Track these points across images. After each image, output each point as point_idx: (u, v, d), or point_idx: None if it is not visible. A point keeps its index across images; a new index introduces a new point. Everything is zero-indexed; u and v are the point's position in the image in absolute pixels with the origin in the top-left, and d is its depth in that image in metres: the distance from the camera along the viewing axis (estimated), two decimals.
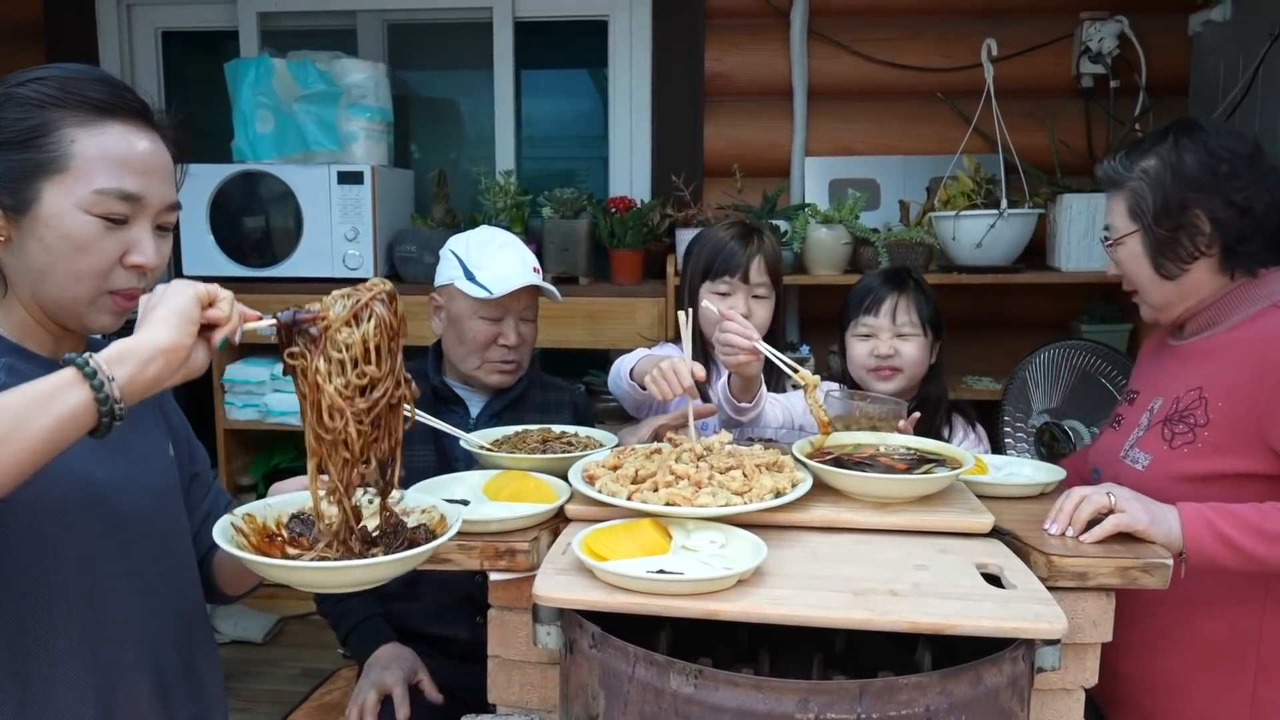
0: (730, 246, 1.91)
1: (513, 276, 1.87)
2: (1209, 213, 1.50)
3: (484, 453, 1.60)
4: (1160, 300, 1.59)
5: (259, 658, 3.04)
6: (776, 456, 1.46)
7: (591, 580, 1.15)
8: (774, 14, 3.28)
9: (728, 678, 1.02)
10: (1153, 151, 1.54)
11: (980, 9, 3.22)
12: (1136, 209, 1.54)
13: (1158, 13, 3.04)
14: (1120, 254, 1.60)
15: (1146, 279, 1.58)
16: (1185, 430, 1.52)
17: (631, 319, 3.00)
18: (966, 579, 1.20)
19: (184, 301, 0.99)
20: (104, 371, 0.93)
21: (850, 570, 1.21)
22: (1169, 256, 1.54)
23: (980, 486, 1.53)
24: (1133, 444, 1.62)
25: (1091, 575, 1.28)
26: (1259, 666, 1.50)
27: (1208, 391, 1.52)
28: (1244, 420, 1.46)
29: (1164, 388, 1.62)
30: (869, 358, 1.92)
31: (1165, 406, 1.58)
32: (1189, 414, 1.53)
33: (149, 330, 0.97)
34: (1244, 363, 1.49)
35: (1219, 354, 1.54)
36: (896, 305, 1.91)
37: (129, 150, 1.13)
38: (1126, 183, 1.56)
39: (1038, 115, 3.14)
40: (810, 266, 3.01)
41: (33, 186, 1.09)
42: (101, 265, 1.13)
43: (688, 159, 3.31)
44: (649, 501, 1.30)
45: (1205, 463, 1.49)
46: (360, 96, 3.05)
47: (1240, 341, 1.51)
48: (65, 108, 1.11)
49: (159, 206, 1.17)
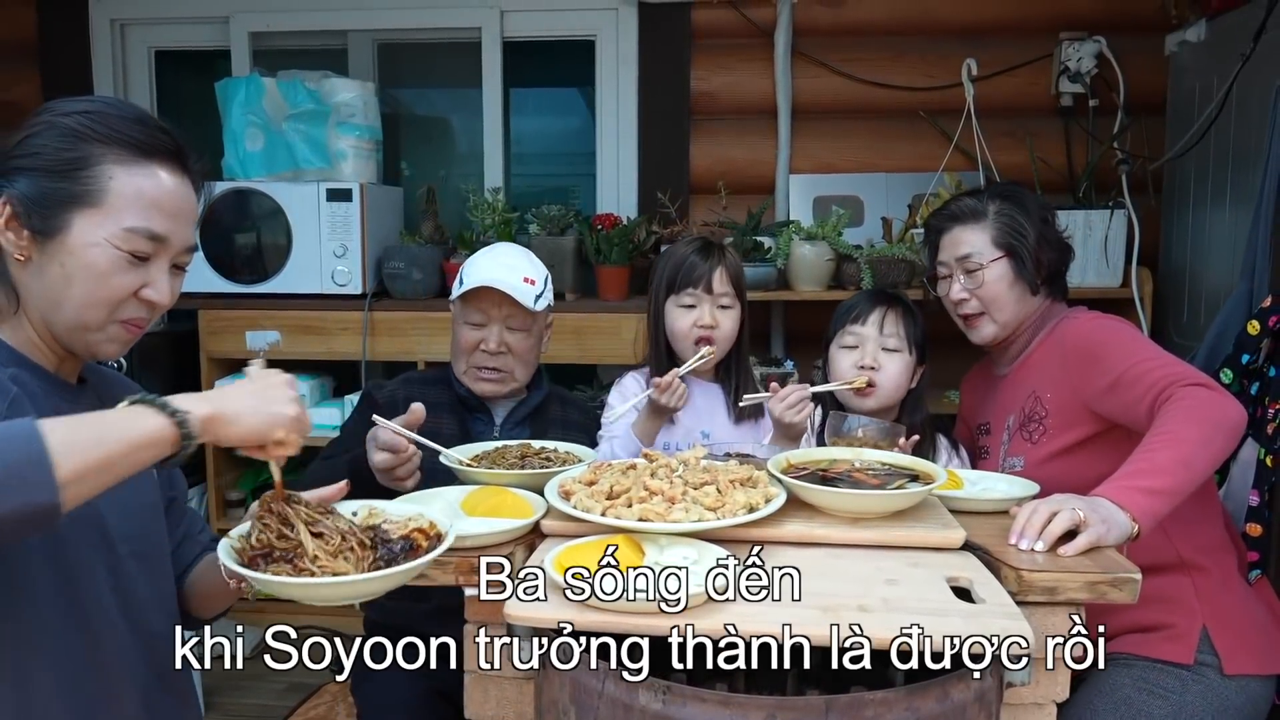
0: (692, 260, 1.94)
1: (481, 279, 1.90)
2: (1050, 242, 1.87)
3: (462, 468, 1.62)
4: (1012, 318, 1.88)
5: (244, 673, 3.03)
6: (751, 472, 1.48)
7: (563, 598, 1.17)
8: (759, 34, 3.32)
9: (695, 694, 1.03)
10: (995, 198, 1.89)
11: (961, 29, 3.26)
12: (1004, 239, 1.85)
13: (1135, 33, 3.08)
14: (987, 276, 1.86)
15: (1008, 296, 1.86)
16: (1036, 425, 1.83)
17: (617, 335, 3.02)
18: (936, 593, 1.21)
19: (274, 426, 1.08)
20: None
21: (821, 585, 1.23)
22: (1036, 275, 1.85)
23: (954, 502, 1.54)
24: (1005, 456, 1.90)
25: (1061, 590, 1.29)
26: (1184, 565, 1.74)
27: (1039, 391, 1.84)
28: (1069, 400, 1.79)
29: (1009, 407, 1.92)
30: (851, 370, 1.92)
31: (1017, 419, 1.88)
32: (1034, 413, 1.84)
33: (247, 416, 1.06)
34: (1052, 361, 1.84)
35: (1036, 366, 1.88)
36: (885, 317, 1.93)
37: (161, 193, 1.17)
38: (986, 218, 1.87)
39: (1018, 134, 3.18)
40: (794, 282, 3.04)
41: (64, 215, 1.13)
42: (117, 296, 1.16)
43: (674, 176, 3.34)
44: (622, 517, 1.32)
45: (1058, 440, 1.80)
46: (349, 115, 3.09)
47: (1047, 350, 1.87)
48: (108, 144, 1.14)
49: (179, 248, 1.21)
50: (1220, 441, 1.56)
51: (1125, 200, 2.97)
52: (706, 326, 1.91)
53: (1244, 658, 1.69)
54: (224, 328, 3.12)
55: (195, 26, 3.61)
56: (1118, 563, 1.34)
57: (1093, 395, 1.75)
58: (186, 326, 3.26)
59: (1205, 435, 1.53)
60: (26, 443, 0.90)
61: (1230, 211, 2.58)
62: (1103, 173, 3.08)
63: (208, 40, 3.61)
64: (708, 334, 1.91)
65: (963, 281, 1.89)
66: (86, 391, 1.28)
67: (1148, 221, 2.95)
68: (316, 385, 3.23)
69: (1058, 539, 1.37)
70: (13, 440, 0.90)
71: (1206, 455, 1.54)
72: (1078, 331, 1.82)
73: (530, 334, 1.97)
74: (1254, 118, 2.36)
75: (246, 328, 3.10)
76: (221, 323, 3.12)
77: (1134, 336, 1.80)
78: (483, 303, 1.91)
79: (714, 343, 1.92)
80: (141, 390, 1.40)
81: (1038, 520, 1.39)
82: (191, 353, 3.16)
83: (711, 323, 1.91)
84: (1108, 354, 1.73)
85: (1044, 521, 1.38)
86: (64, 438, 0.92)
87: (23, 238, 1.14)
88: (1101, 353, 1.74)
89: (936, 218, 1.96)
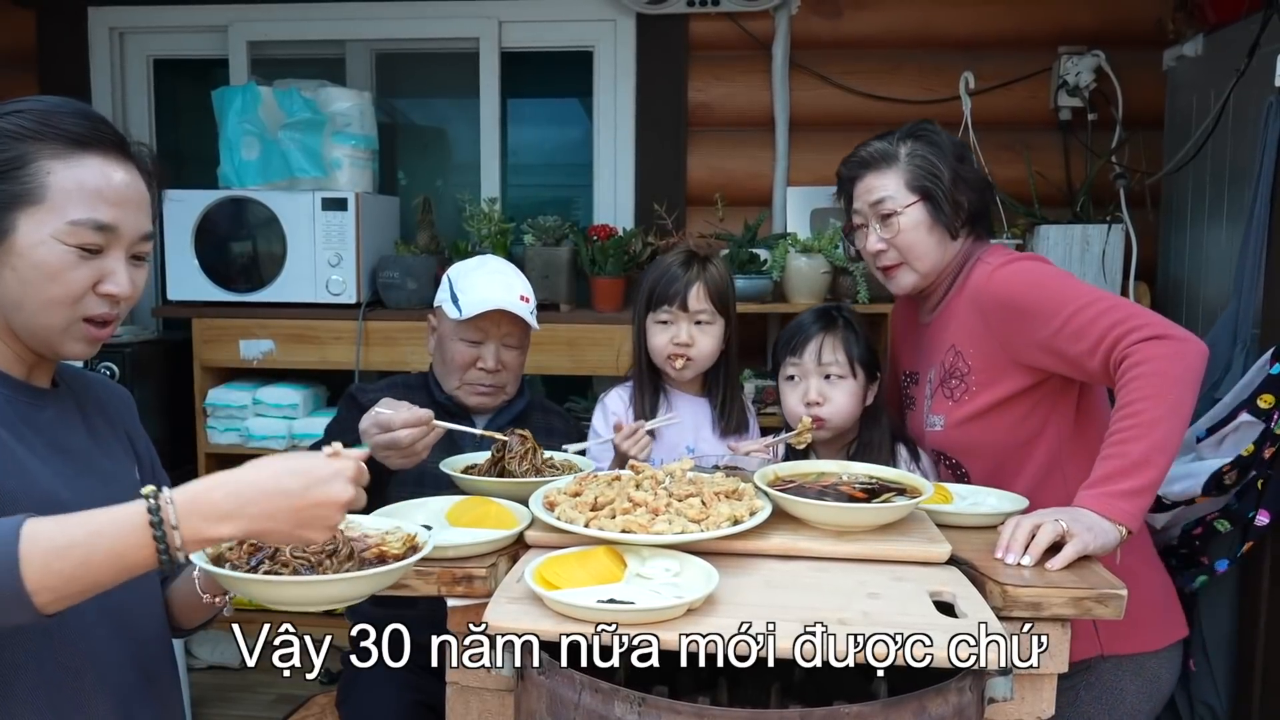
0: (670, 274, 1.90)
1: (487, 300, 1.89)
2: (968, 181, 1.77)
3: (455, 475, 1.62)
4: (932, 266, 1.78)
5: (234, 683, 3.02)
6: (737, 484, 1.47)
7: (543, 609, 1.16)
8: (756, 46, 3.33)
9: (670, 706, 1.02)
10: (907, 140, 1.78)
11: (959, 42, 3.27)
12: (918, 182, 1.74)
13: (1133, 48, 3.08)
14: (902, 222, 1.75)
15: (927, 242, 1.76)
16: (958, 383, 1.75)
17: (611, 346, 3.01)
18: (917, 607, 1.20)
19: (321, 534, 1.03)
20: None
21: (802, 599, 1.22)
22: (954, 218, 1.75)
23: (943, 516, 1.53)
24: (928, 412, 1.83)
25: (1046, 605, 1.28)
26: (1064, 479, 1.70)
27: (959, 346, 1.75)
28: (993, 354, 1.70)
29: (931, 359, 1.83)
30: (799, 405, 1.86)
31: (938, 373, 1.80)
32: (954, 369, 1.76)
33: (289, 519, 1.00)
34: (971, 313, 1.73)
35: (955, 316, 1.77)
36: (822, 345, 1.85)
37: (105, 182, 1.14)
38: (898, 161, 1.76)
39: (1015, 147, 3.18)
40: (790, 295, 3.03)
41: (8, 218, 1.11)
42: (74, 293, 1.14)
43: (670, 188, 3.34)
44: (606, 528, 1.31)
45: (981, 399, 1.72)
46: (345, 124, 3.09)
47: (964, 299, 1.75)
48: (42, 140, 1.12)
49: (133, 237, 1.18)
50: (1190, 399, 1.50)
51: (1123, 215, 2.96)
52: (682, 345, 1.88)
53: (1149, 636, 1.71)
54: (217, 336, 3.11)
55: (194, 35, 3.61)
56: (1103, 578, 1.32)
57: (1023, 349, 1.65)
58: (180, 335, 3.26)
59: (1175, 402, 1.48)
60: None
61: (1227, 226, 2.57)
62: (1101, 187, 3.07)
63: (206, 49, 3.62)
64: (682, 352, 1.89)
65: (879, 231, 1.78)
66: (59, 395, 1.26)
67: (1145, 236, 2.95)
68: (310, 395, 3.22)
69: (1045, 552, 1.36)
70: None
71: (1179, 424, 1.49)
72: (997, 281, 1.69)
73: (523, 350, 2.00)
74: (1250, 133, 2.35)
75: (240, 336, 3.10)
76: (215, 331, 3.11)
77: (1060, 279, 1.66)
78: (483, 321, 1.90)
79: (691, 360, 1.89)
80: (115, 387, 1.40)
81: (1022, 534, 1.38)
82: (185, 361, 3.16)
83: (687, 341, 1.87)
84: (1038, 305, 1.62)
85: (1028, 535, 1.37)
86: (43, 559, 0.92)
87: None
88: (1028, 304, 1.63)
89: (847, 165, 1.84)
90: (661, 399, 1.95)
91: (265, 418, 3.13)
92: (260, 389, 3.17)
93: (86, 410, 1.30)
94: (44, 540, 0.93)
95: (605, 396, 2.01)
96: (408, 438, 1.55)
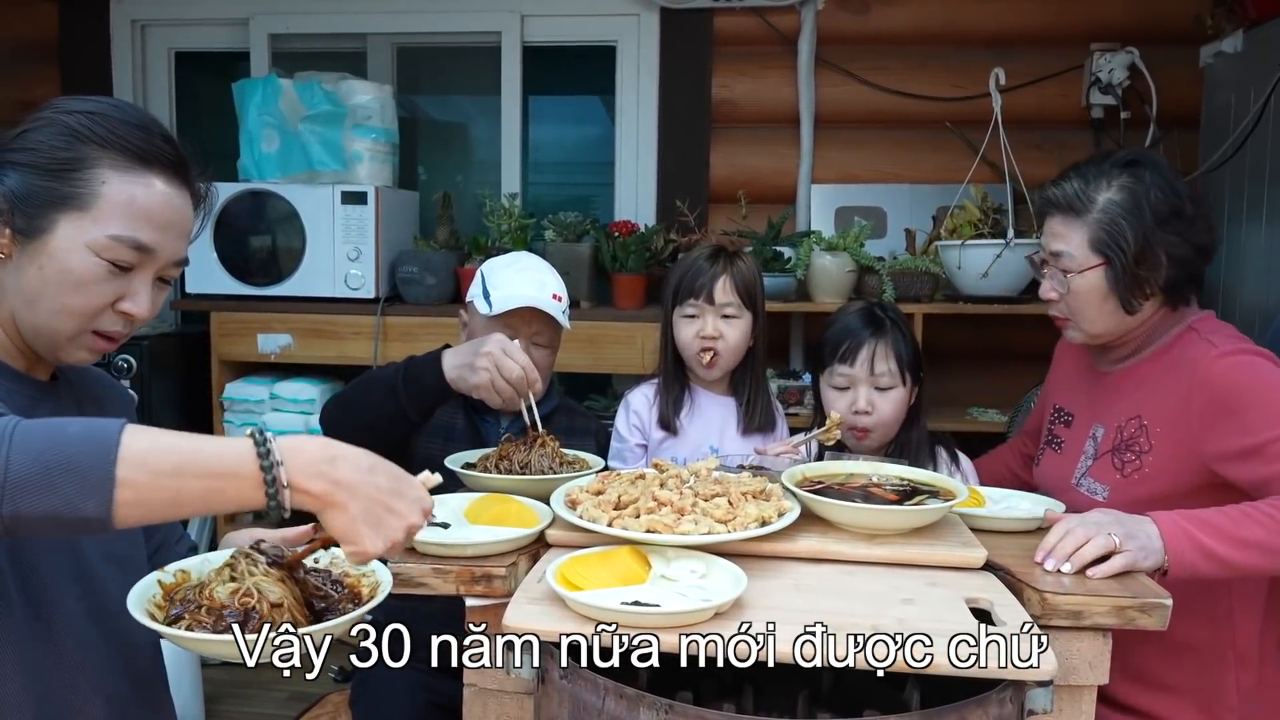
0: (697, 268, 1.88)
1: (517, 297, 1.85)
2: (1169, 251, 1.54)
3: (468, 474, 1.58)
4: (1103, 330, 1.61)
5: (247, 679, 2.99)
6: (764, 485, 1.43)
7: (565, 610, 1.12)
8: (781, 42, 3.28)
9: (698, 714, 0.98)
10: (1113, 184, 1.56)
11: (989, 39, 3.21)
12: (1107, 244, 1.54)
13: (1169, 44, 3.02)
14: (1078, 284, 1.58)
15: (1099, 311, 1.59)
16: (1133, 458, 1.58)
17: (632, 343, 2.98)
18: (954, 615, 1.15)
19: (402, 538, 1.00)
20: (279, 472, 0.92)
21: (833, 604, 1.17)
22: (1134, 293, 1.55)
23: (975, 519, 1.48)
24: (1084, 473, 1.68)
25: (1087, 614, 1.23)
26: (1236, 658, 1.56)
27: (1147, 419, 1.57)
28: (1182, 442, 1.53)
29: (1103, 416, 1.66)
30: (848, 413, 1.79)
31: (1109, 436, 1.63)
32: (1133, 442, 1.59)
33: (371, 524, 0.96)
34: (1174, 387, 1.54)
35: (1150, 380, 1.60)
36: (874, 353, 1.78)
37: (154, 203, 1.12)
38: (1089, 213, 1.56)
39: (1046, 146, 3.12)
40: (814, 294, 2.98)
41: (50, 216, 1.09)
42: (93, 306, 1.12)
43: (693, 185, 3.30)
44: (629, 528, 1.27)
45: (1157, 485, 1.55)
46: (366, 117, 3.06)
47: (1169, 366, 1.58)
48: (105, 147, 1.10)
49: (167, 261, 1.16)
50: None
51: None
52: (709, 338, 1.86)
53: None
54: (236, 330, 3.09)
55: (215, 28, 3.60)
56: (1147, 587, 1.27)
57: (1217, 454, 1.48)
58: (198, 329, 3.24)
59: None
60: (100, 448, 0.86)
61: (1267, 227, 2.50)
62: None
63: (228, 42, 3.61)
64: (710, 345, 1.86)
65: (1053, 280, 1.62)
66: (58, 389, 1.23)
67: None
68: (327, 390, 3.19)
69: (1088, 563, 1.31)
70: (89, 442, 0.86)
71: None
72: (1219, 370, 1.49)
73: (553, 349, 1.95)
74: None
75: (258, 330, 3.07)
76: (233, 325, 3.09)
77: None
78: (513, 319, 1.86)
79: (717, 353, 1.87)
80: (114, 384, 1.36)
81: (1070, 543, 1.32)
82: (203, 355, 3.14)
83: (714, 334, 1.85)
84: (1249, 411, 1.45)
85: (1077, 544, 1.32)
86: (143, 451, 0.88)
87: (4, 235, 1.09)
88: (1241, 407, 1.46)
89: (1041, 195, 1.66)
90: (687, 398, 1.92)
91: (283, 412, 3.10)
92: (278, 384, 3.14)
93: (84, 406, 1.27)
94: (146, 437, 0.88)
95: (629, 395, 1.98)
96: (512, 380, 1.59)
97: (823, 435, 1.76)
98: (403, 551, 1.07)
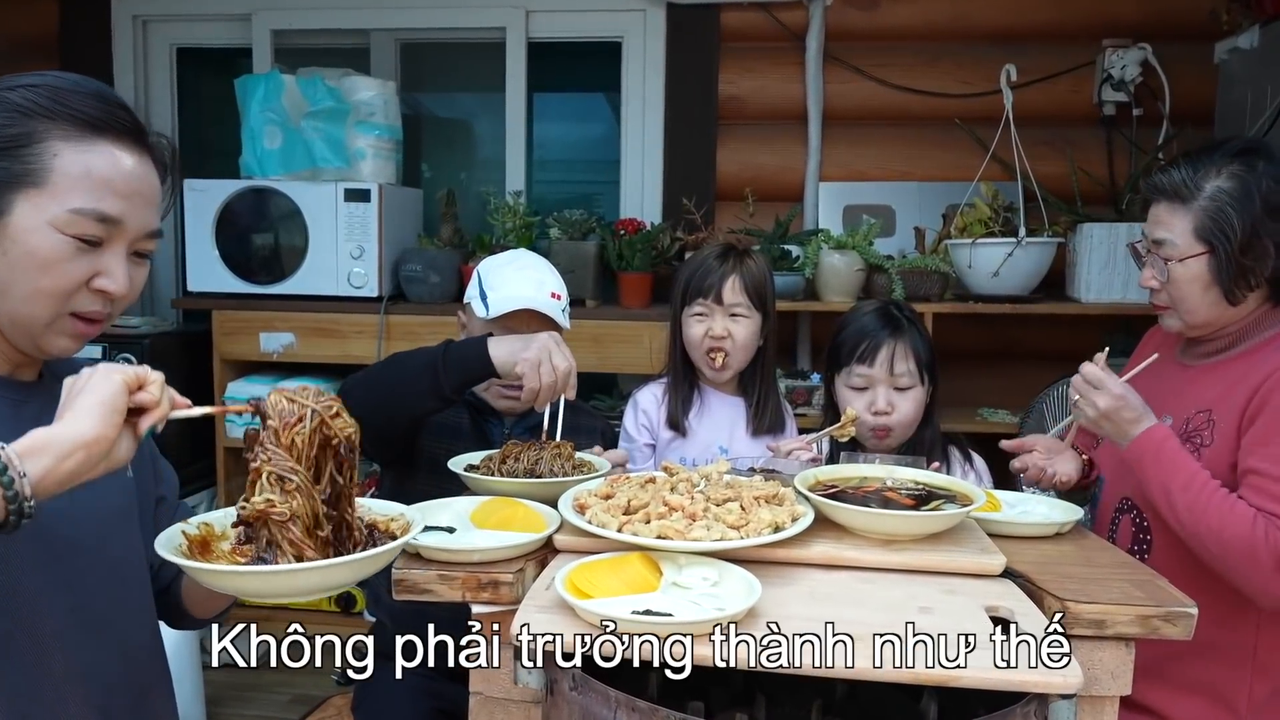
0: (705, 267, 1.86)
1: (514, 298, 1.82)
2: (1278, 242, 1.51)
3: (471, 476, 1.54)
4: (1204, 320, 1.59)
5: (249, 682, 2.97)
6: (777, 489, 1.39)
7: (574, 619, 1.08)
8: (789, 38, 3.24)
9: None
10: (1223, 171, 1.53)
11: (999, 35, 3.18)
12: (1212, 231, 1.52)
13: (1182, 40, 2.98)
14: (1179, 272, 1.56)
15: (1200, 300, 1.56)
16: (1192, 450, 1.56)
17: (638, 342, 2.94)
18: (974, 624, 1.12)
19: (110, 390, 0.93)
20: (15, 466, 0.85)
21: (849, 612, 1.14)
22: (1238, 283, 1.53)
23: (992, 525, 1.45)
24: None
25: (1109, 623, 1.20)
26: (1256, 666, 1.56)
27: (1216, 414, 1.55)
28: (1233, 438, 1.53)
29: (1173, 406, 1.63)
30: (866, 414, 1.77)
31: (1175, 426, 1.60)
32: (1196, 434, 1.57)
33: (71, 421, 0.90)
34: (1247, 387, 1.52)
35: (1231, 377, 1.57)
36: (894, 353, 1.76)
37: (114, 171, 1.07)
38: (1195, 200, 1.53)
39: (1057, 143, 3.09)
40: (822, 293, 2.95)
41: (5, 198, 1.04)
42: (65, 286, 1.06)
43: (700, 182, 3.26)
44: (640, 534, 1.23)
45: None
46: (369, 114, 3.03)
47: (1253, 366, 1.54)
48: (53, 119, 1.05)
49: (138, 232, 1.10)
50: (1208, 544, 1.47)
51: None
52: (717, 338, 1.84)
53: None
54: (238, 329, 3.06)
55: (217, 24, 3.58)
56: (1171, 595, 1.24)
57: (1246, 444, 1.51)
58: (199, 327, 3.22)
59: (1208, 527, 1.46)
60: None
61: None
62: None
63: (230, 38, 3.58)
64: (719, 345, 1.84)
65: (1154, 267, 1.60)
66: (44, 388, 1.17)
67: None
68: (330, 389, 3.16)
69: None
70: None
71: (1188, 524, 1.48)
72: None
73: None
74: None
75: (261, 329, 3.05)
76: (235, 324, 3.06)
77: None
78: (511, 321, 1.83)
79: (726, 353, 1.84)
80: None
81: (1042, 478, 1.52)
82: (204, 354, 3.11)
83: (723, 334, 1.84)
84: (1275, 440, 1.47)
85: None
86: None
87: None
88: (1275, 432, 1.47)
89: (1147, 183, 1.63)
90: (695, 397, 1.89)
91: None
92: (280, 383, 3.11)
93: None
94: None
95: (637, 394, 1.95)
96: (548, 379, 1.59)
97: (837, 431, 1.73)
98: None
